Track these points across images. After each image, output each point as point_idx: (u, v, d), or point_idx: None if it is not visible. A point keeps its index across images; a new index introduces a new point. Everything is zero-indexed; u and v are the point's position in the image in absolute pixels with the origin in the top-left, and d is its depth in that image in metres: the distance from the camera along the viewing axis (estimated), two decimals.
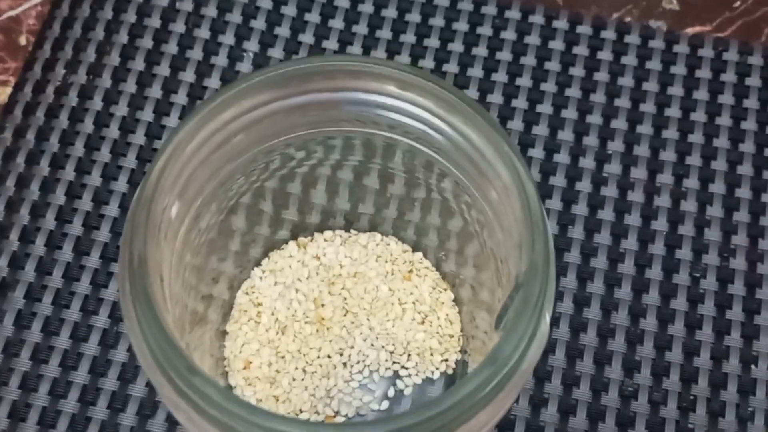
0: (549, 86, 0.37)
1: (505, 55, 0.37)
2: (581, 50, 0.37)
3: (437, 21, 0.38)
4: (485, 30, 0.38)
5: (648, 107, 0.37)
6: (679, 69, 0.37)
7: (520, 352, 0.21)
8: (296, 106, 0.25)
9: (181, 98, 0.36)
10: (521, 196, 0.22)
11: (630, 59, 0.37)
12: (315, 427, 0.23)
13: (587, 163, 0.36)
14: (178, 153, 0.23)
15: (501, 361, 0.21)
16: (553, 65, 0.37)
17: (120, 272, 0.23)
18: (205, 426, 0.21)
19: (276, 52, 0.37)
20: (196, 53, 0.37)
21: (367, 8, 0.38)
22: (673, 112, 0.37)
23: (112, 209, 0.34)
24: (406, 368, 0.32)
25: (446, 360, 0.32)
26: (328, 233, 0.33)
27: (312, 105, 0.25)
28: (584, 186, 0.35)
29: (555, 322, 0.33)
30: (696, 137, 0.36)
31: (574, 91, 0.37)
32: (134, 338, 0.22)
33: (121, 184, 0.34)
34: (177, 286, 0.27)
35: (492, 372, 0.21)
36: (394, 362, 0.32)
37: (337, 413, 0.31)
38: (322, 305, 0.32)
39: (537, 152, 0.36)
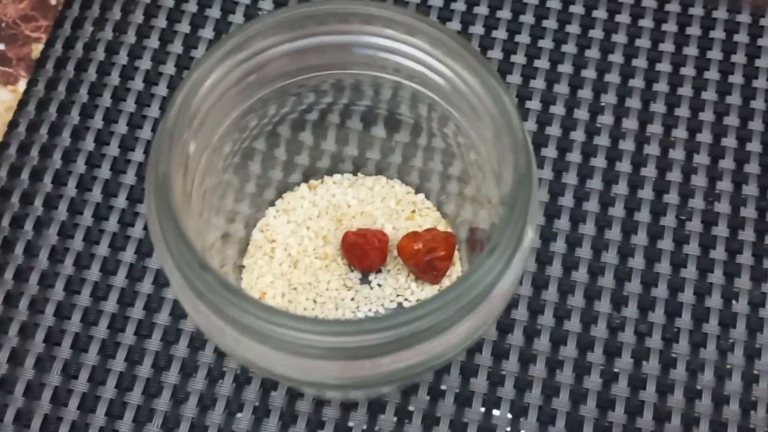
0: (546, 42, 0.39)
1: (504, 14, 0.39)
2: (577, 9, 0.40)
3: None
4: None
5: (640, 62, 0.39)
6: (670, 26, 0.39)
7: (505, 260, 0.23)
8: (308, 47, 0.28)
9: (200, 53, 0.38)
10: (506, 122, 0.25)
11: (623, 17, 0.40)
12: (312, 322, 0.24)
13: (581, 114, 0.38)
14: (196, 88, 0.26)
15: (487, 265, 0.23)
16: (550, 23, 0.39)
17: (147, 192, 0.25)
18: (216, 320, 0.23)
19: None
20: (214, 12, 0.39)
21: None
22: (664, 66, 0.39)
23: (137, 155, 0.37)
24: (409, 301, 0.34)
25: None
26: (337, 176, 0.36)
27: (323, 47, 0.28)
28: (578, 136, 0.38)
29: (548, 260, 0.35)
30: (685, 90, 0.38)
31: (570, 47, 0.39)
32: (157, 244, 0.24)
33: (145, 132, 0.37)
34: (197, 224, 0.30)
35: (479, 276, 0.23)
36: (398, 294, 0.34)
37: None
38: (330, 242, 0.34)
39: (534, 104, 0.38)
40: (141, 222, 0.35)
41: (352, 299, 0.34)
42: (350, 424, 0.33)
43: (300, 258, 0.34)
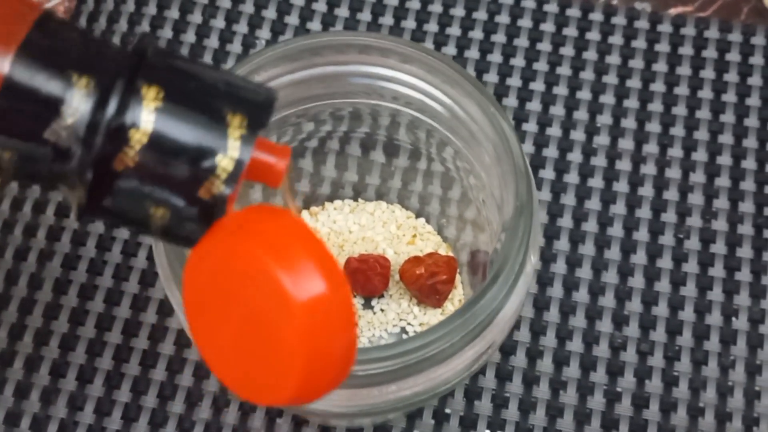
0: (541, 65, 0.39)
1: (499, 38, 0.40)
2: (570, 31, 0.40)
3: (436, 7, 0.40)
4: (480, 15, 0.40)
5: (634, 83, 0.39)
6: (662, 47, 0.40)
7: (508, 286, 0.24)
8: (306, 78, 0.28)
9: None
10: (506, 148, 0.25)
11: (616, 39, 0.40)
12: None
13: (578, 135, 0.38)
14: None
15: (491, 293, 0.23)
16: (545, 46, 0.40)
17: None
18: None
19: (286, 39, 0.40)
20: (212, 42, 0.40)
21: None
22: (658, 87, 0.39)
23: None
24: (412, 325, 0.34)
25: None
26: (337, 202, 0.36)
27: (321, 77, 0.28)
28: (575, 157, 0.38)
29: (549, 281, 0.36)
30: (679, 110, 0.39)
31: (564, 70, 0.39)
32: (163, 272, 0.25)
33: None
34: None
35: (483, 303, 0.23)
36: (401, 319, 0.34)
37: None
38: None
39: (531, 126, 0.38)
40: (144, 252, 0.36)
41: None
42: None
43: None
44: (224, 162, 0.20)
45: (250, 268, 0.20)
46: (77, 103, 0.19)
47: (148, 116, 0.20)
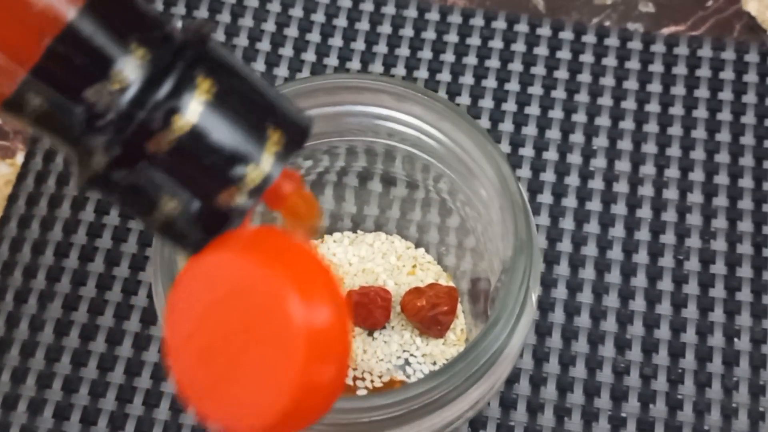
0: (535, 89, 0.40)
1: (493, 63, 0.40)
2: (564, 54, 0.40)
3: (429, 34, 0.40)
4: (474, 40, 0.40)
5: (629, 104, 0.39)
6: (656, 67, 0.40)
7: (510, 326, 0.24)
8: None
9: None
10: (504, 188, 0.25)
11: (610, 60, 0.40)
12: None
13: (574, 158, 0.38)
14: None
15: (493, 335, 0.23)
16: (539, 69, 0.40)
17: (153, 268, 0.26)
18: None
19: (281, 71, 0.40)
20: None
21: (363, 26, 0.41)
22: (653, 107, 0.39)
23: (137, 222, 0.37)
24: (415, 356, 0.34)
25: (453, 347, 0.35)
26: (336, 235, 0.36)
27: (316, 118, 0.28)
28: (572, 180, 0.38)
29: (550, 307, 0.36)
30: (675, 130, 0.39)
31: (559, 93, 0.40)
32: (159, 304, 0.25)
33: None
34: None
35: (486, 345, 0.23)
36: (404, 350, 0.34)
37: None
38: None
39: (527, 151, 0.38)
40: (144, 290, 0.36)
41: (358, 357, 0.34)
42: None
43: None
44: (254, 173, 0.20)
45: (259, 287, 0.19)
46: (129, 72, 0.19)
47: (196, 106, 0.19)
